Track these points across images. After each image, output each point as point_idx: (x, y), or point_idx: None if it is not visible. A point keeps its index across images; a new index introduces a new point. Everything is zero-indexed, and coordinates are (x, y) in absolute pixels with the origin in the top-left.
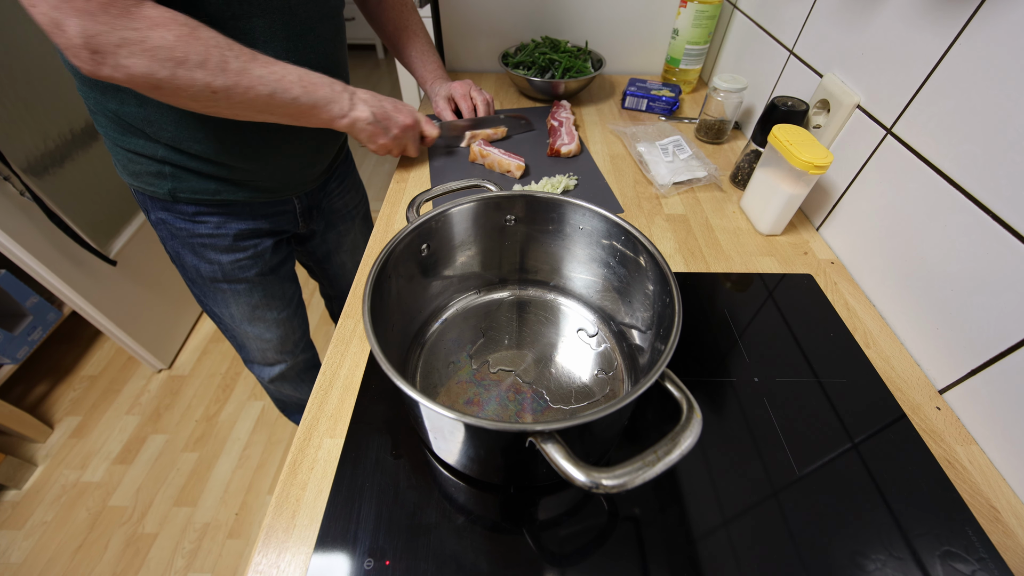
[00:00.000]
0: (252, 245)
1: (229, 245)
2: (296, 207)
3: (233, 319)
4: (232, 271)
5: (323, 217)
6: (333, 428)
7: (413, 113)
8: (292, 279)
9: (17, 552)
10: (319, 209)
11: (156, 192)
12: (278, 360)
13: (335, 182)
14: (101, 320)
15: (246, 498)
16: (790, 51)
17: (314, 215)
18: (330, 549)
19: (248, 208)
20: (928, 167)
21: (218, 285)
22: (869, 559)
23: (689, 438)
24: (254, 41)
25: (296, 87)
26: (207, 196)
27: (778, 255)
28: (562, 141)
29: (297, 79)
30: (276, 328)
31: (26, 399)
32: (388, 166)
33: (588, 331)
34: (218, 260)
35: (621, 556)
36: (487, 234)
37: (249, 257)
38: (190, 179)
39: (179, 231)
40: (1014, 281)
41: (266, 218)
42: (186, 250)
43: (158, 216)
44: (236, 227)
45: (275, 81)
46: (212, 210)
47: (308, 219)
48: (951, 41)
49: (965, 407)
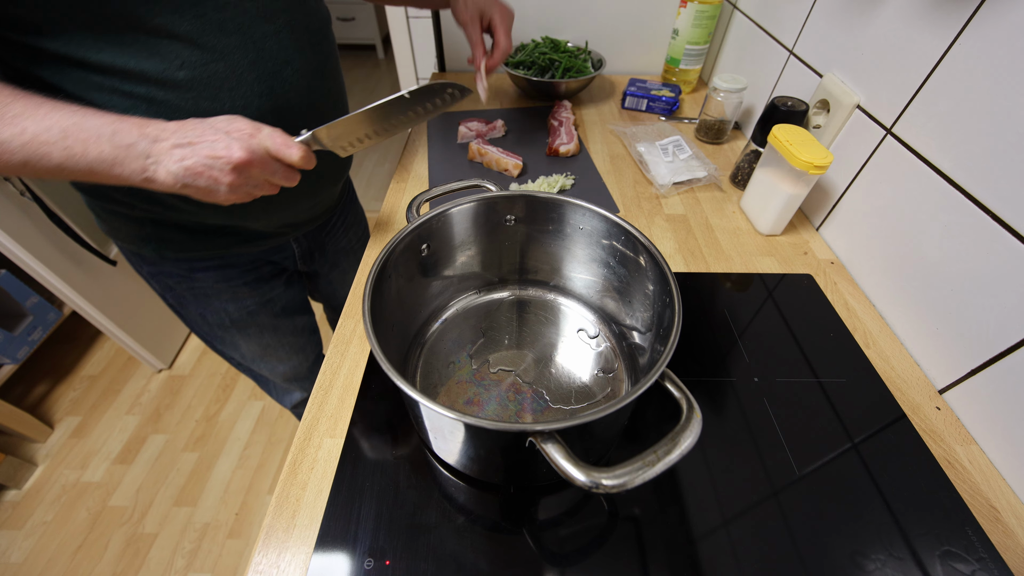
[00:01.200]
0: (260, 292)
1: (235, 294)
2: (295, 250)
3: (244, 358)
4: (241, 317)
5: (326, 258)
6: (333, 428)
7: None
8: (305, 310)
9: (17, 552)
10: (322, 250)
11: (143, 252)
12: (294, 388)
13: (338, 218)
14: (101, 320)
15: (246, 498)
16: (790, 51)
17: (316, 256)
18: (330, 549)
19: (245, 256)
20: (928, 167)
21: (227, 331)
22: (869, 559)
23: (689, 438)
24: (219, 88)
25: (57, 150)
26: (196, 252)
27: (778, 255)
28: (561, 140)
29: (60, 136)
30: (289, 360)
31: (26, 399)
32: (388, 166)
33: (588, 331)
34: (224, 308)
35: (621, 556)
36: (487, 234)
37: (258, 303)
38: (174, 237)
39: (176, 284)
40: (1014, 281)
41: (268, 262)
42: (189, 299)
43: (151, 271)
44: (238, 277)
45: (23, 146)
46: (206, 264)
47: (309, 260)
48: (951, 41)
49: (965, 407)
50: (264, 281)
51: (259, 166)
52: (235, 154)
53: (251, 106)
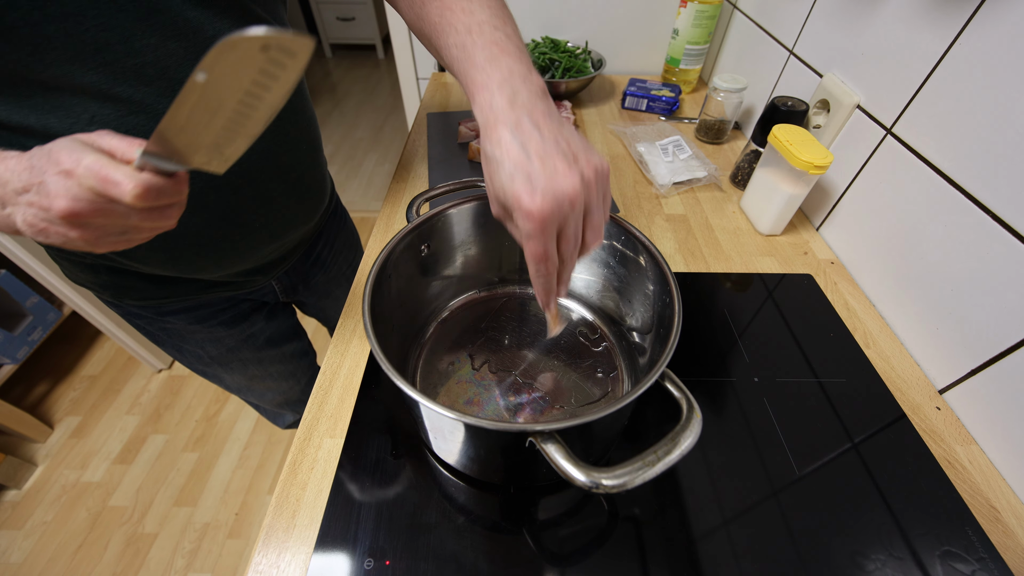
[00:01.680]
0: (238, 329)
1: (209, 334)
2: (275, 287)
3: (230, 388)
4: (219, 354)
5: (311, 291)
6: (333, 428)
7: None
8: (292, 336)
9: (17, 552)
10: (306, 284)
11: (102, 297)
12: (289, 411)
13: (323, 246)
14: (101, 320)
15: (246, 498)
16: (790, 51)
17: (299, 289)
18: (330, 549)
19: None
20: (928, 167)
21: (210, 366)
22: (869, 559)
23: (689, 438)
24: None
25: None
26: (160, 300)
27: (778, 255)
28: None
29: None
30: (279, 386)
31: (26, 399)
32: (388, 166)
33: (588, 331)
34: (200, 347)
35: (621, 556)
36: (487, 234)
37: (237, 340)
38: (134, 284)
39: (147, 324)
40: (1014, 281)
41: (244, 300)
42: (162, 336)
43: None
44: (212, 318)
45: None
46: (174, 307)
47: (292, 293)
48: (951, 41)
49: (965, 407)
50: (243, 318)
51: (95, 214)
52: (56, 205)
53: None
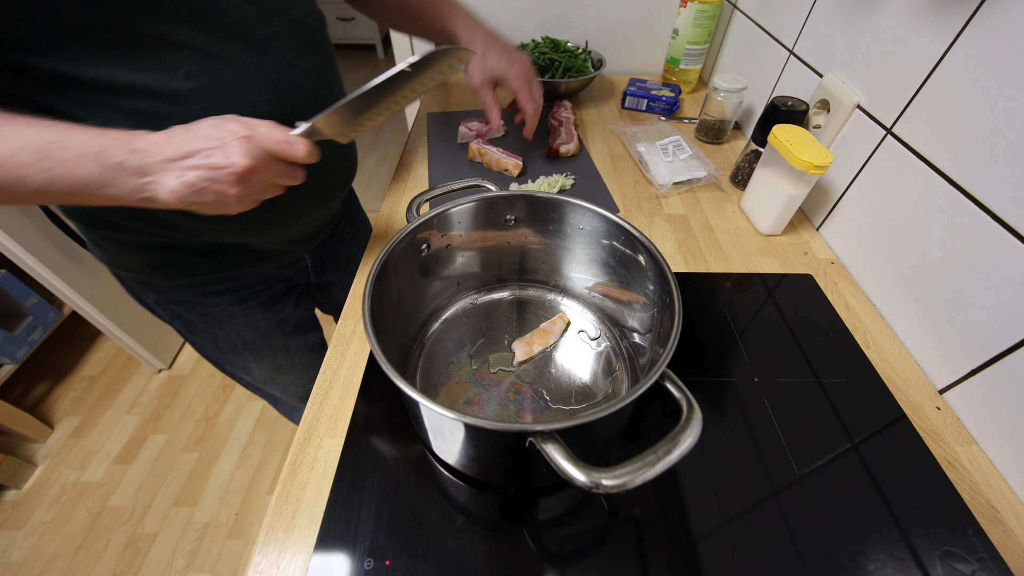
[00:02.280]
0: (274, 311)
1: (249, 318)
2: (308, 263)
3: (256, 380)
4: (253, 339)
5: (338, 268)
6: (333, 428)
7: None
8: (313, 326)
9: (17, 552)
10: (333, 260)
11: (152, 280)
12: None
13: (345, 226)
14: (101, 320)
15: (246, 498)
16: (790, 51)
17: (328, 266)
18: (330, 549)
19: (258, 276)
20: (928, 167)
21: (240, 355)
22: (869, 559)
23: (689, 438)
24: (226, 97)
25: (36, 172)
26: (208, 275)
27: (778, 255)
28: (561, 140)
29: (38, 157)
30: (301, 378)
31: (26, 399)
32: (388, 166)
33: (588, 331)
34: (237, 332)
35: (621, 556)
36: (487, 234)
37: (272, 324)
38: (186, 260)
39: (186, 311)
40: (1014, 281)
41: (280, 279)
42: (200, 323)
43: (156, 300)
44: (252, 298)
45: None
46: (219, 287)
47: (321, 271)
48: (951, 41)
49: (965, 407)
50: (276, 300)
51: (263, 171)
52: (237, 163)
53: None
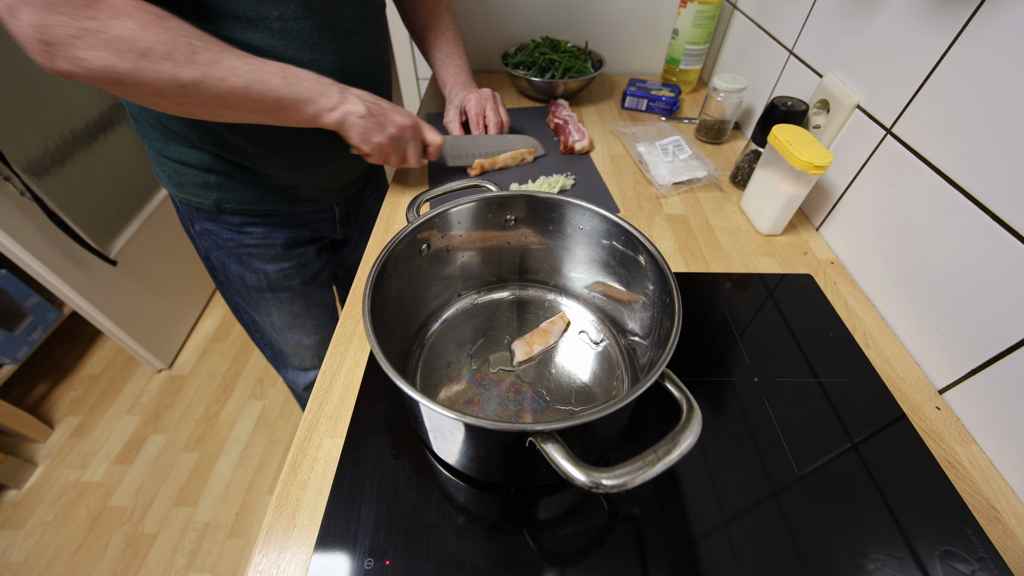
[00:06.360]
0: (297, 255)
1: (275, 255)
2: (336, 213)
3: (274, 327)
4: (277, 280)
5: (359, 224)
6: (333, 428)
7: (413, 116)
8: (329, 285)
9: (17, 552)
10: (356, 216)
11: (202, 203)
12: (314, 365)
13: (370, 188)
14: (101, 320)
15: (246, 498)
16: (790, 51)
17: (351, 221)
18: (330, 549)
19: (292, 217)
20: (928, 167)
21: (263, 294)
22: (869, 559)
23: (689, 438)
24: (303, 42)
25: (275, 78)
26: (252, 206)
27: (778, 255)
28: (574, 138)
29: (278, 70)
30: (315, 334)
31: (26, 399)
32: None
33: (588, 331)
34: (264, 270)
35: (621, 556)
36: (487, 234)
37: (294, 266)
38: (236, 188)
39: (225, 242)
40: (1014, 281)
41: (307, 226)
42: (232, 260)
43: (204, 227)
44: (281, 236)
45: (250, 72)
46: (258, 220)
47: (346, 225)
48: (951, 41)
49: (965, 407)
50: (300, 244)
51: (411, 132)
52: (405, 119)
53: (324, 61)
